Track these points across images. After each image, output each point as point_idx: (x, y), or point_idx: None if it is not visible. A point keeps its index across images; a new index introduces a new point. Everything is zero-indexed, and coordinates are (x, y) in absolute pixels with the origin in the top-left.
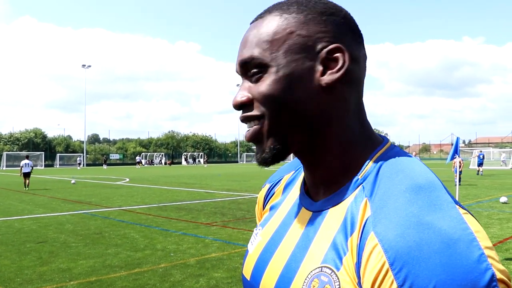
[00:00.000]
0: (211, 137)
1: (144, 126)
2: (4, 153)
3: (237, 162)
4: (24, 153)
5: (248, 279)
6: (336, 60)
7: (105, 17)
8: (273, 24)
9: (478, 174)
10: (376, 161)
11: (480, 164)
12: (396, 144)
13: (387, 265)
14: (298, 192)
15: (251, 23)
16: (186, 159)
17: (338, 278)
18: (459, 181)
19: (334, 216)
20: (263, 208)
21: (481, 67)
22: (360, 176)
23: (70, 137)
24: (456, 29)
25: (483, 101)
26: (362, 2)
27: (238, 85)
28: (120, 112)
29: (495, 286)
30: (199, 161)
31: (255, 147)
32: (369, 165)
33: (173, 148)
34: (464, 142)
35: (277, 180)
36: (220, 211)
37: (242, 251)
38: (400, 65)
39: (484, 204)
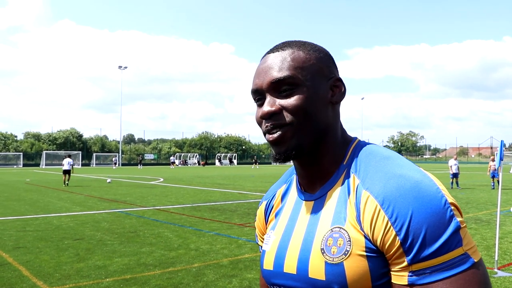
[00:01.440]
0: (245, 138)
1: (178, 126)
2: (44, 152)
3: (270, 163)
4: (62, 152)
5: (272, 269)
6: (338, 86)
7: (140, 20)
8: (301, 56)
9: None
10: (353, 150)
11: None
12: (432, 147)
13: (378, 207)
14: (296, 194)
15: (268, 53)
16: (219, 160)
17: (346, 230)
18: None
19: (332, 195)
20: (266, 220)
21: None
22: (344, 162)
23: (106, 137)
24: (496, 28)
25: None
26: (398, 3)
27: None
28: (154, 112)
29: (448, 207)
30: (232, 161)
31: (272, 148)
32: (349, 154)
33: (207, 148)
34: (505, 146)
35: (272, 196)
36: (254, 212)
37: None
38: (436, 66)
39: None
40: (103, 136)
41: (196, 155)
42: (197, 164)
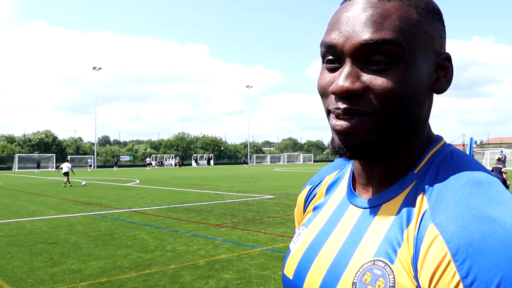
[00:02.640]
0: (221, 139)
1: (154, 127)
2: (16, 155)
3: (246, 163)
4: (36, 155)
5: (291, 278)
6: (445, 68)
7: (114, 20)
8: (412, 15)
9: None
10: (432, 157)
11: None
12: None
13: (449, 256)
14: (344, 191)
15: None
16: (196, 161)
17: (392, 271)
18: None
19: (387, 211)
20: (304, 209)
21: (492, 67)
22: (415, 171)
23: (80, 139)
24: (466, 29)
25: (494, 101)
26: None
27: (248, 86)
28: (130, 114)
29: None
30: (209, 162)
31: (335, 136)
32: (426, 159)
33: (183, 149)
34: (475, 143)
35: (318, 182)
36: (230, 212)
37: (251, 252)
38: None
39: None
40: (77, 138)
41: (172, 156)
42: (174, 165)
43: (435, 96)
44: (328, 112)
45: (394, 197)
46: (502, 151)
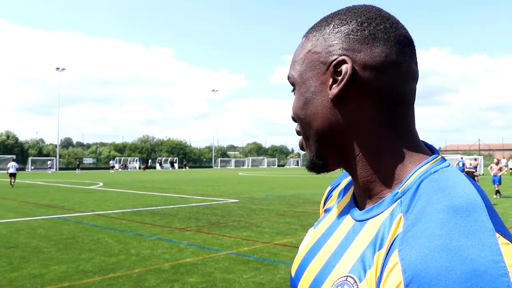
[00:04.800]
0: (186, 142)
1: (118, 130)
2: None
3: (211, 167)
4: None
5: (293, 276)
6: (341, 72)
7: (78, 21)
8: (299, 45)
9: None
10: (419, 176)
11: (461, 171)
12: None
13: (402, 286)
14: (348, 199)
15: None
16: (160, 164)
17: None
18: None
19: (370, 229)
20: (323, 209)
21: (449, 77)
22: (400, 190)
23: (42, 141)
24: (424, 39)
25: (451, 109)
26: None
27: (213, 90)
28: (93, 115)
29: None
30: (174, 165)
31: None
32: (410, 179)
33: (148, 152)
34: None
35: (337, 184)
36: (195, 216)
37: (216, 256)
38: None
39: None
40: (39, 139)
41: (136, 159)
42: (138, 168)
43: None
44: None
45: (379, 214)
46: (462, 158)
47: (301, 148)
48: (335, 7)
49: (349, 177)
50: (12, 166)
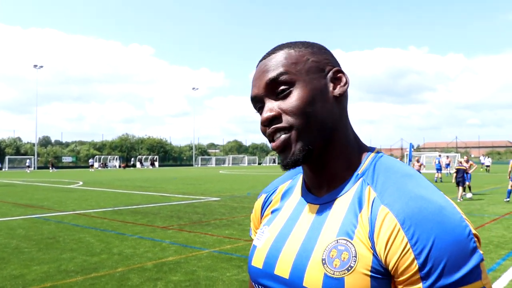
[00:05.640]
0: (166, 140)
1: (97, 128)
2: None
3: (191, 165)
4: None
5: (261, 268)
6: (339, 78)
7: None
8: (292, 54)
9: (436, 181)
10: (371, 160)
11: (438, 169)
12: None
13: (398, 225)
14: (299, 195)
15: (261, 60)
16: (141, 162)
17: (353, 245)
18: None
19: (341, 204)
20: (261, 214)
21: (426, 76)
22: (359, 171)
23: (20, 139)
24: (402, 38)
25: (429, 107)
26: (314, 10)
27: (193, 88)
28: (72, 113)
29: (472, 238)
30: (155, 164)
31: (280, 155)
32: (366, 163)
33: (128, 151)
34: (413, 147)
35: (273, 190)
36: (176, 214)
37: (199, 254)
38: (350, 72)
39: None
40: (16, 138)
41: (116, 158)
42: (118, 167)
43: (374, 102)
44: (269, 141)
45: (345, 192)
46: (439, 155)
47: (284, 146)
48: (312, 7)
49: (287, 182)
50: None
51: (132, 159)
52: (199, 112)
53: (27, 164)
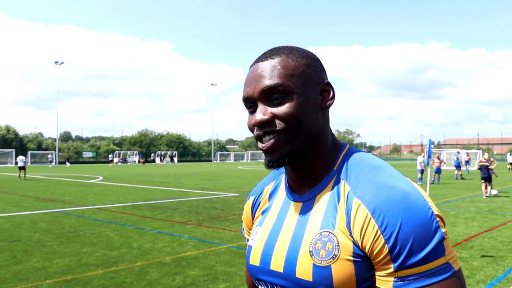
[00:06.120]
0: (185, 136)
1: (117, 124)
2: None
3: (210, 161)
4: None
5: (258, 265)
6: (327, 91)
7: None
8: (289, 64)
9: (456, 178)
10: (344, 157)
11: (457, 166)
12: (367, 145)
13: (369, 215)
14: (284, 194)
15: (257, 62)
16: (160, 158)
17: (335, 235)
18: (438, 180)
19: (321, 199)
20: (252, 216)
21: (447, 71)
22: (334, 168)
23: (41, 135)
24: (422, 33)
25: (450, 103)
26: (332, 4)
27: (212, 84)
28: (92, 109)
29: (434, 218)
30: (174, 159)
31: (265, 156)
32: (339, 160)
33: (147, 146)
34: (433, 143)
35: (260, 192)
36: (195, 210)
37: (217, 250)
38: (369, 67)
39: (451, 203)
40: (38, 133)
41: (135, 153)
42: (137, 162)
43: (393, 98)
44: (256, 140)
45: (323, 188)
46: (458, 152)
47: (273, 148)
48: (331, 2)
49: (271, 183)
50: (20, 160)
51: (152, 154)
52: (217, 107)
53: (49, 159)
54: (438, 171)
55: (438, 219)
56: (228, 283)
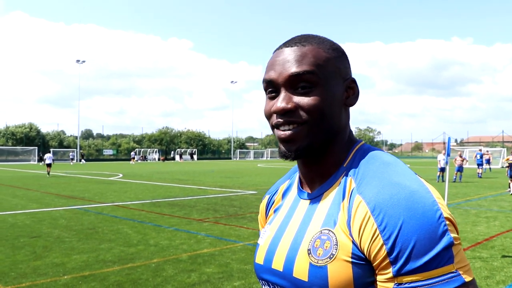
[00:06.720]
0: (205, 134)
1: (137, 122)
2: None
3: (230, 158)
4: (19, 148)
5: (262, 264)
6: (352, 88)
7: (97, 13)
8: (321, 54)
9: (480, 177)
10: (355, 153)
11: (479, 164)
12: (388, 142)
13: (369, 213)
14: (296, 192)
15: (285, 46)
16: (180, 155)
17: (334, 234)
18: (460, 178)
19: (327, 197)
20: (266, 214)
21: (471, 67)
22: (344, 165)
23: (63, 132)
24: (445, 29)
25: (473, 100)
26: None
27: (232, 81)
28: (113, 107)
29: (443, 221)
30: (193, 157)
31: (281, 145)
32: (350, 156)
33: (167, 144)
34: (456, 141)
35: (275, 191)
36: (213, 207)
37: (233, 247)
38: (390, 64)
39: (472, 202)
40: (60, 131)
41: (156, 151)
42: (157, 160)
43: (415, 95)
44: (273, 127)
45: (331, 186)
46: (480, 150)
47: (293, 138)
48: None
49: (286, 182)
50: (48, 158)
51: (172, 152)
52: (237, 105)
53: (71, 156)
54: (460, 169)
55: (447, 222)
56: (243, 280)
